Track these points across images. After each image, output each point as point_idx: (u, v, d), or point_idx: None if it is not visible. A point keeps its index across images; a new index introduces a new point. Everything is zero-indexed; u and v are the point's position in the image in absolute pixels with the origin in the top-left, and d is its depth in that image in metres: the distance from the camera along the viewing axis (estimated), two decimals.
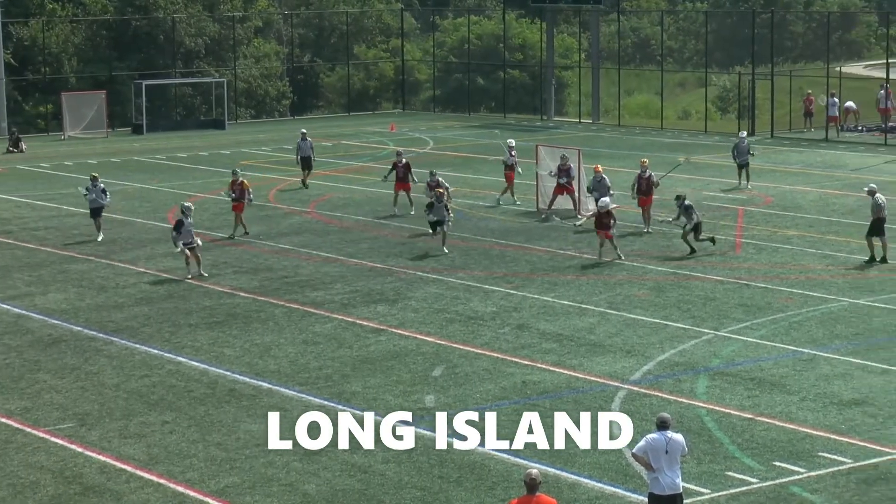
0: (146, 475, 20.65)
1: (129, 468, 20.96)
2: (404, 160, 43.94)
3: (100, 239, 39.37)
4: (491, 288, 32.63)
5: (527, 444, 21.53)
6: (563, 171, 41.76)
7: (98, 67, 73.77)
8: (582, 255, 36.38)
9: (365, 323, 29.56)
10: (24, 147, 62.59)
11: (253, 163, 56.30)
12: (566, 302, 31.06)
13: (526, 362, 26.29)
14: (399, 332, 28.82)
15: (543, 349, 27.23)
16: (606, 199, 36.26)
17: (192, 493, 19.91)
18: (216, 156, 59.33)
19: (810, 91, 64.67)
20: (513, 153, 45.38)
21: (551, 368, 25.87)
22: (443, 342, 27.89)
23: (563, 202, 42.31)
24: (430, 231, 37.33)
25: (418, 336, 28.44)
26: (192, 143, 63.95)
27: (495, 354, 26.89)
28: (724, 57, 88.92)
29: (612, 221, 35.40)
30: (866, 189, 36.08)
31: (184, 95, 76.12)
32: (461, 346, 27.51)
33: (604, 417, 22.53)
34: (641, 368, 25.80)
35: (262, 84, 78.67)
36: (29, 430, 22.84)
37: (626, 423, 21.87)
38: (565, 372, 25.64)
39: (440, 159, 56.38)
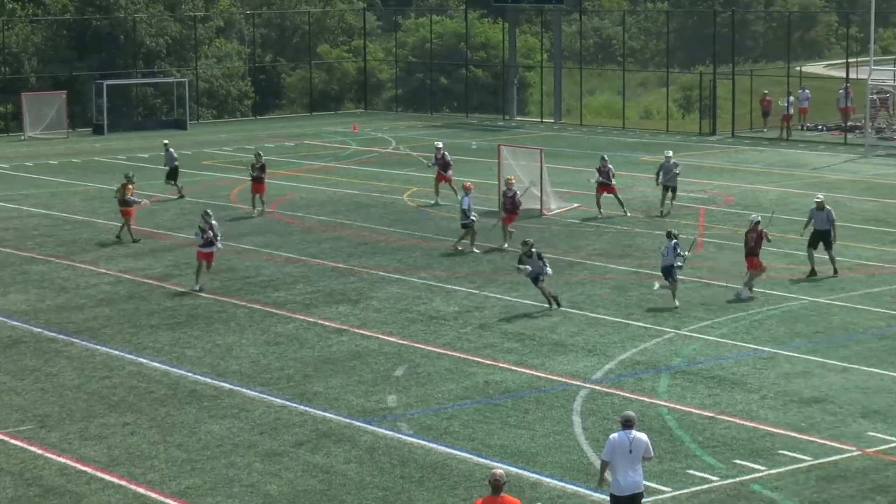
0: (107, 477, 20.56)
1: (89, 470, 20.86)
2: (444, 152, 44.10)
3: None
4: (453, 288, 32.63)
5: (489, 444, 21.56)
6: (603, 172, 41.74)
7: (58, 67, 73.39)
8: (544, 255, 36.33)
9: (327, 323, 29.52)
10: None
11: (215, 163, 56.13)
12: (528, 301, 31.09)
13: (488, 362, 26.31)
14: (361, 332, 28.80)
15: (506, 349, 27.25)
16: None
17: (153, 495, 19.84)
18: (179, 156, 58.94)
19: (766, 91, 64.95)
20: (437, 155, 44.94)
21: (513, 368, 25.89)
22: (405, 342, 27.88)
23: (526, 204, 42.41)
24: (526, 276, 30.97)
25: (380, 336, 28.42)
26: (153, 144, 63.58)
27: (457, 354, 26.90)
28: (685, 56, 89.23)
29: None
30: (817, 200, 33.77)
31: (145, 95, 75.83)
32: (423, 346, 27.50)
33: (565, 416, 22.58)
34: (603, 367, 25.85)
35: (224, 84, 78.43)
36: None
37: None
38: (527, 371, 25.67)
39: (402, 159, 56.36)
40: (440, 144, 46.16)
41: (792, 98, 62.62)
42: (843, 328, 28.49)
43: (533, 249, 30.34)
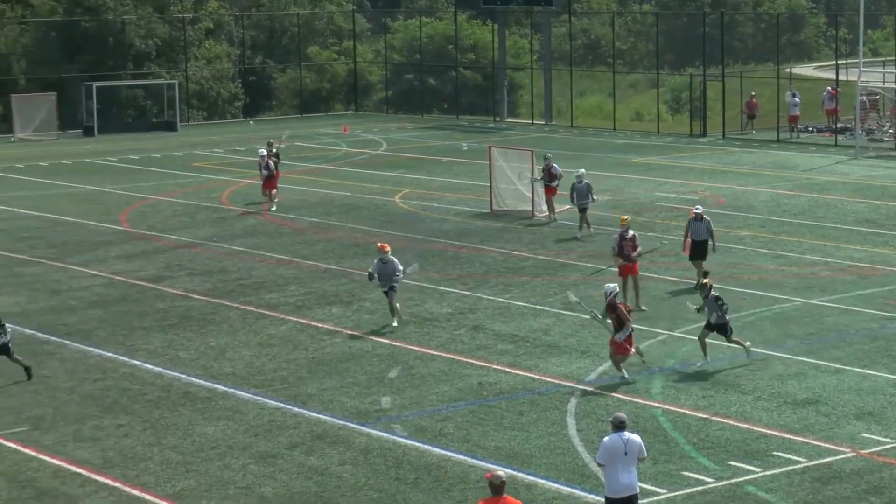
0: (101, 479, 20.54)
1: (83, 472, 20.84)
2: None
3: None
4: (446, 289, 32.64)
5: (483, 446, 21.57)
6: (547, 172, 41.54)
7: (47, 69, 73.22)
8: (536, 256, 36.45)
9: (320, 325, 29.52)
10: None
11: (205, 164, 56.09)
12: (521, 303, 31.11)
13: (482, 363, 26.32)
14: (354, 333, 28.79)
15: (499, 350, 27.26)
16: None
17: (147, 497, 19.82)
18: (168, 158, 59.08)
19: (754, 93, 65.04)
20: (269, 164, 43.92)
21: (507, 370, 25.91)
22: (398, 344, 27.88)
23: (521, 203, 42.47)
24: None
25: (373, 338, 28.42)
26: (144, 146, 63.65)
27: (451, 356, 26.90)
28: (675, 58, 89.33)
29: None
30: (696, 211, 32.31)
31: (135, 97, 75.70)
32: (417, 348, 27.50)
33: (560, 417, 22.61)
34: (597, 369, 25.87)
35: (214, 86, 78.34)
36: None
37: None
38: (521, 373, 25.67)
39: (393, 161, 56.38)
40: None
41: (797, 99, 62.62)
42: (835, 329, 28.53)
43: (713, 292, 25.86)
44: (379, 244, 29.95)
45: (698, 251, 32.17)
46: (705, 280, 26.54)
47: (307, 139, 65.38)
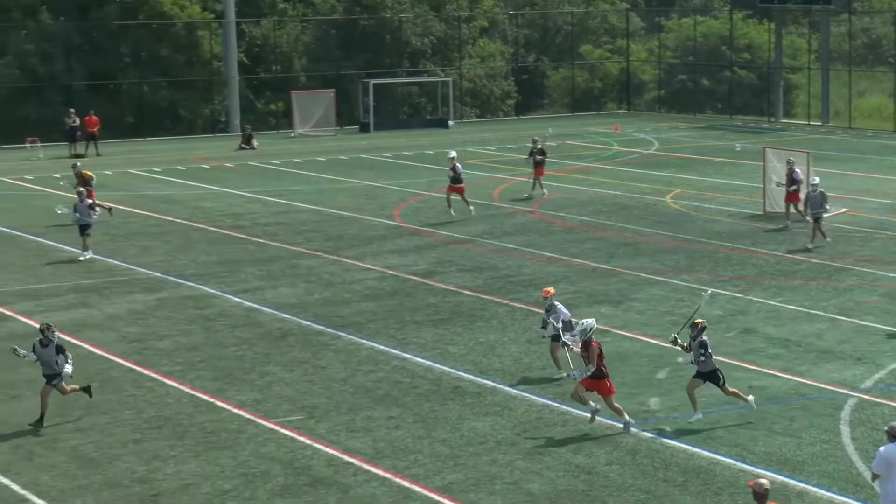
0: (372, 469, 20.93)
1: (355, 461, 21.27)
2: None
3: None
4: (716, 291, 32.23)
5: (753, 451, 21.26)
6: (789, 177, 40.61)
7: (327, 66, 75.04)
8: (810, 259, 35.71)
9: None
10: (255, 144, 64.05)
11: (478, 161, 56.63)
12: (794, 307, 30.52)
13: (752, 367, 25.92)
14: (623, 333, 28.69)
15: (770, 354, 26.81)
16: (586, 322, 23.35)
17: (417, 489, 20.12)
18: (442, 154, 59.74)
19: None
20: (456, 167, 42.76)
21: (778, 374, 25.46)
22: (667, 345, 27.62)
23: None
24: None
25: (642, 338, 28.27)
26: (417, 142, 64.64)
27: (721, 358, 26.38)
28: None
29: None
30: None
31: (410, 94, 76.93)
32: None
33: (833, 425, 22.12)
34: (873, 376, 25.21)
35: (487, 84, 79.07)
36: (260, 420, 23.36)
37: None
38: (793, 378, 25.20)
39: (664, 160, 55.98)
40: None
41: None
42: None
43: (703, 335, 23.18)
44: (544, 290, 26.55)
45: None
46: (698, 320, 23.18)
47: (578, 138, 65.40)
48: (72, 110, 62.82)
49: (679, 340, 23.55)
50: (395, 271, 35.37)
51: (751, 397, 23.23)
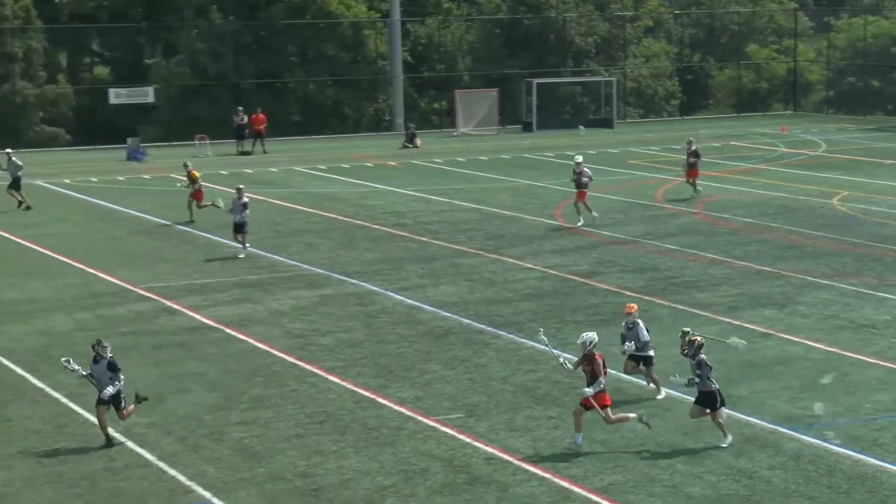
0: (531, 468, 20.90)
1: (514, 461, 21.26)
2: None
3: None
4: (884, 296, 31.61)
5: None
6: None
7: (490, 66, 75.24)
8: None
9: (752, 327, 29.10)
10: (418, 143, 64.46)
11: (641, 162, 56.29)
12: None
13: None
14: (787, 337, 28.28)
15: None
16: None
17: (576, 489, 20.04)
18: (604, 154, 59.60)
19: None
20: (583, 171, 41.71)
21: None
22: (832, 349, 27.20)
23: None
24: None
25: (807, 342, 27.84)
26: (580, 142, 64.44)
27: (889, 364, 26.04)
28: None
29: None
30: None
31: (573, 94, 76.77)
32: (852, 354, 26.76)
33: None
34: None
35: (652, 83, 78.58)
36: (420, 418, 23.47)
37: None
38: None
39: (831, 162, 55.06)
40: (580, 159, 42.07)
41: None
42: None
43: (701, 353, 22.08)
44: (627, 305, 25.71)
45: None
46: (695, 336, 22.14)
47: (743, 138, 64.65)
48: (240, 108, 63.94)
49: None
50: (556, 271, 35.31)
51: (729, 437, 21.57)
